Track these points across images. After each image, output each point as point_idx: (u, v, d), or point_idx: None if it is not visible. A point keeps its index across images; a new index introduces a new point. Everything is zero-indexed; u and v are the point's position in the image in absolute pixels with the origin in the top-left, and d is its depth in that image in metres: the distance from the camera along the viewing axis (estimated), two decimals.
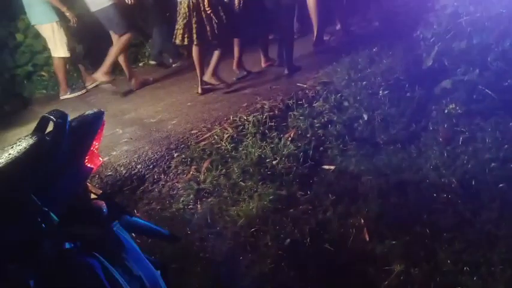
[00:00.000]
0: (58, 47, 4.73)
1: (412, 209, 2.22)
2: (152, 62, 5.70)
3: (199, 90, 4.15)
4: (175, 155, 3.10)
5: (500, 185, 2.23)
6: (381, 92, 3.29)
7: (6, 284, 1.02)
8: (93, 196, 1.32)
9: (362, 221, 2.20)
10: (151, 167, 3.04)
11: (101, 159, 1.31)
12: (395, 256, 1.96)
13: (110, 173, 3.01)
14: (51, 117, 1.17)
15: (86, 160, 1.22)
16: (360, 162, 2.67)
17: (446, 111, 2.87)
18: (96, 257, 1.12)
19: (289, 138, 2.97)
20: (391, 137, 2.88)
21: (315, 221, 2.25)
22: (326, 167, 2.72)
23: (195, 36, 3.88)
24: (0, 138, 4.10)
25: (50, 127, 1.20)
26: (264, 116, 3.28)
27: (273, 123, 3.21)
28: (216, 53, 4.07)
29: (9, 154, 1.13)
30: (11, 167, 1.09)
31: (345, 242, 2.11)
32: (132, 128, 3.73)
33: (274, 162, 2.73)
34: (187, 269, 2.08)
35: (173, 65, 5.47)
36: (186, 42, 3.97)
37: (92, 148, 1.25)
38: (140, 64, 5.93)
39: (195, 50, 4.02)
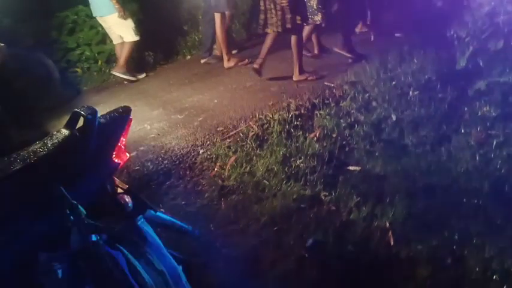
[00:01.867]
0: (127, 33, 4.98)
1: (440, 213, 2.16)
2: (204, 60, 5.44)
3: (255, 65, 4.18)
4: (201, 151, 3.13)
5: None
6: (411, 92, 3.22)
7: (36, 271, 1.07)
8: (119, 190, 1.35)
9: (387, 224, 2.16)
10: (177, 162, 3.09)
11: (128, 155, 1.34)
12: (421, 261, 1.92)
13: (137, 168, 3.08)
14: (82, 112, 1.21)
15: (114, 155, 1.25)
16: (387, 163, 2.61)
17: (479, 113, 2.77)
18: (120, 250, 1.15)
19: (315, 138, 2.94)
20: (421, 138, 2.80)
21: (338, 222, 2.23)
22: (351, 167, 2.68)
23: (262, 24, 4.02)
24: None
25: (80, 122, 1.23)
26: (290, 115, 3.27)
27: (298, 122, 3.20)
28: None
29: (42, 148, 1.17)
30: (43, 160, 1.13)
31: (369, 245, 2.07)
32: (159, 124, 3.80)
33: (298, 161, 2.71)
34: (209, 264, 2.10)
35: (201, 61, 5.50)
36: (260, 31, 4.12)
37: (119, 143, 1.28)
38: (178, 57, 5.96)
39: (268, 37, 4.09)
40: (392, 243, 2.06)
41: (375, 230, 2.14)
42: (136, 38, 5.03)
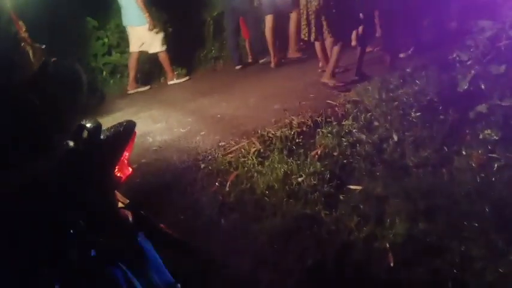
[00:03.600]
0: (155, 44, 5.23)
1: (441, 235, 2.14)
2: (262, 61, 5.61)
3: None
4: (202, 166, 3.13)
5: None
6: (412, 113, 3.22)
7: (35, 285, 1.06)
8: (120, 205, 1.35)
9: (387, 245, 2.14)
10: (178, 177, 3.08)
11: (130, 169, 1.34)
12: (421, 284, 1.90)
13: (137, 181, 3.08)
14: (86, 125, 1.22)
15: (116, 169, 1.25)
16: (388, 184, 2.61)
17: (481, 136, 2.77)
18: (119, 266, 1.15)
19: (316, 156, 2.94)
20: (422, 159, 2.80)
21: (338, 242, 2.21)
22: (352, 187, 2.67)
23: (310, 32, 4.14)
24: None
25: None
26: (292, 132, 3.27)
27: (300, 140, 3.20)
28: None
29: (45, 160, 1.18)
30: (45, 173, 1.13)
31: (369, 266, 2.05)
32: (162, 137, 3.81)
33: (299, 179, 2.71)
34: (208, 283, 2.08)
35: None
36: (305, 38, 4.23)
37: (122, 158, 1.28)
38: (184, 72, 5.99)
39: (316, 46, 4.22)
40: (392, 264, 2.04)
41: (375, 251, 2.12)
42: (163, 48, 5.24)
